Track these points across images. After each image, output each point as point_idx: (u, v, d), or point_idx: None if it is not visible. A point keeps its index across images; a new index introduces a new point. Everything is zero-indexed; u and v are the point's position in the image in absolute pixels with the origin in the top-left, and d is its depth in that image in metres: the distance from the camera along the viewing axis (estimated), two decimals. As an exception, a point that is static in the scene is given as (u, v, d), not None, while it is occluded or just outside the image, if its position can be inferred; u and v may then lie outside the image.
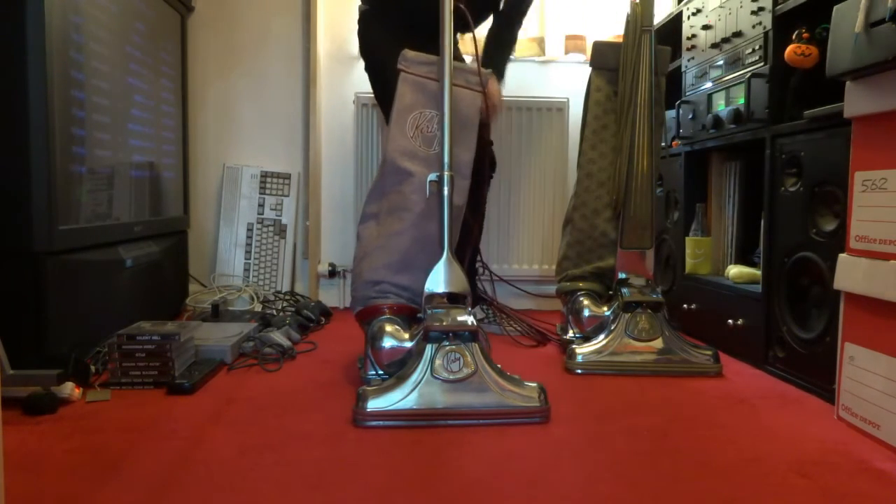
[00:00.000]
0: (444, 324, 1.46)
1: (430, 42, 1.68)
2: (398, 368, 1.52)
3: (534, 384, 1.44)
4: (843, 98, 1.33)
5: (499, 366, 1.47)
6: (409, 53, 1.73)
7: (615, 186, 1.94)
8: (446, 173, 1.58)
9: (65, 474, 1.09)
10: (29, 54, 1.53)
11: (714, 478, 1.10)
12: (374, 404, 1.37)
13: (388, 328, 1.58)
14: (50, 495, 1.02)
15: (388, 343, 1.56)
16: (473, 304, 1.93)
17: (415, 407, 1.38)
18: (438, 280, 1.56)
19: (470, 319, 1.48)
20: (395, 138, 1.71)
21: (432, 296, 1.55)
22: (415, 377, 1.42)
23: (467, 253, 1.92)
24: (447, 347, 1.44)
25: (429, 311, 1.52)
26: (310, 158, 2.75)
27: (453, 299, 1.56)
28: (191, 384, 1.53)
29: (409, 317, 1.65)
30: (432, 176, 1.60)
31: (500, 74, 2.16)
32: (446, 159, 1.58)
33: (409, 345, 1.55)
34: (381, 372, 1.57)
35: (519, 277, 2.76)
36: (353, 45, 2.77)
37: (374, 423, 1.36)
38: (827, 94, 1.49)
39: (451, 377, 1.41)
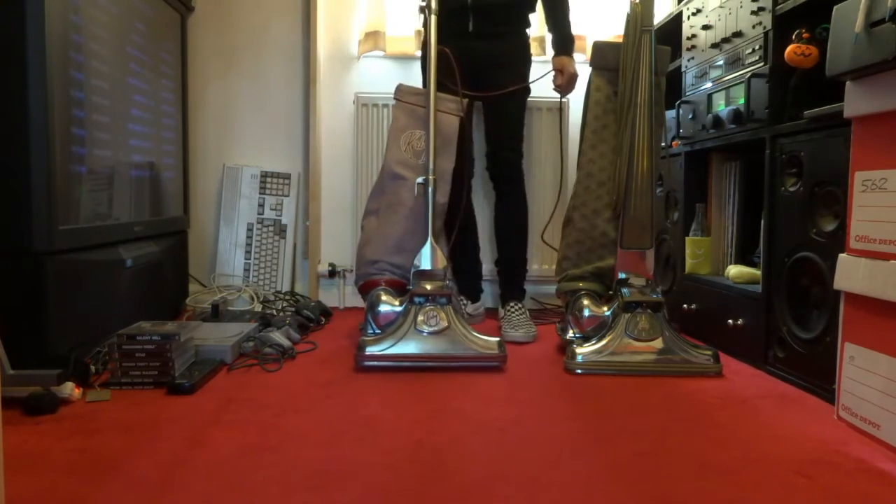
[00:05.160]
0: (426, 289, 1.87)
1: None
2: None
3: (495, 339, 1.84)
4: (843, 98, 1.33)
5: (468, 324, 1.87)
6: (402, 86, 2.21)
7: (615, 186, 1.94)
8: (431, 177, 2.02)
9: (65, 474, 1.09)
10: (29, 54, 1.53)
11: (714, 478, 1.10)
12: (370, 350, 1.78)
13: (384, 297, 1.98)
14: (50, 495, 1.02)
15: (383, 308, 1.95)
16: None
17: (402, 352, 1.78)
18: (424, 260, 1.98)
19: (446, 287, 1.90)
20: (392, 151, 2.17)
21: (418, 271, 1.97)
22: (402, 330, 1.82)
23: (453, 233, 2.25)
24: (427, 307, 1.85)
25: (415, 282, 1.94)
26: (310, 158, 2.75)
27: (434, 274, 1.96)
28: (191, 384, 1.53)
29: (400, 289, 2.05)
30: (420, 179, 2.06)
31: (566, 46, 2.39)
32: (431, 165, 2.03)
33: (399, 309, 1.92)
34: (378, 331, 1.93)
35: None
36: (353, 45, 2.78)
37: (371, 363, 1.77)
38: (827, 94, 1.49)
39: (430, 330, 1.82)
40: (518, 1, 2.35)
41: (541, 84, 2.53)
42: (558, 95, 2.61)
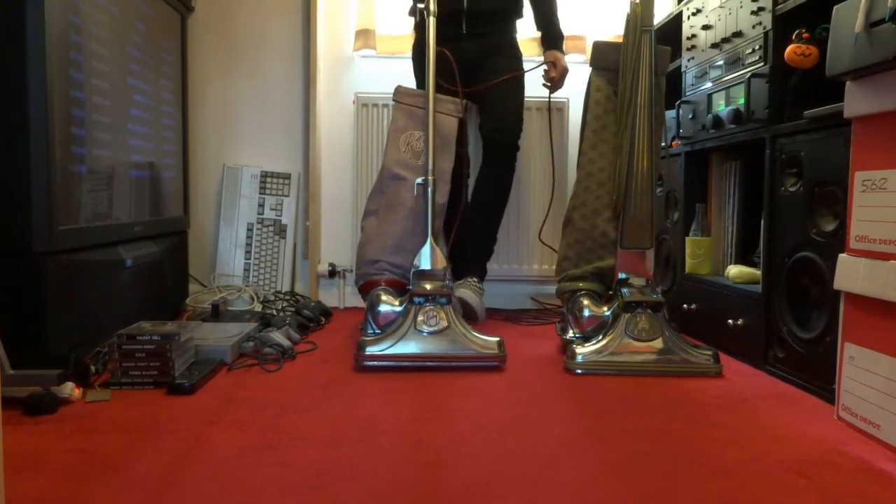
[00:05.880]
0: (426, 289, 1.87)
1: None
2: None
3: (495, 338, 1.83)
4: (843, 98, 1.33)
5: (467, 324, 1.87)
6: (401, 88, 2.23)
7: (615, 186, 1.94)
8: (430, 178, 2.02)
9: (65, 474, 1.09)
10: (29, 55, 1.53)
11: (714, 478, 1.10)
12: (370, 350, 1.78)
13: (384, 297, 1.99)
14: (50, 495, 1.02)
15: (383, 308, 1.96)
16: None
17: (402, 352, 1.78)
18: (424, 260, 1.98)
19: (446, 287, 1.90)
20: (391, 152, 2.20)
21: (418, 271, 1.97)
22: (402, 330, 1.82)
23: (452, 233, 2.32)
24: (427, 307, 1.85)
25: (414, 282, 1.94)
26: (310, 158, 2.75)
27: (434, 274, 1.97)
28: (191, 384, 1.53)
29: (400, 289, 2.05)
30: (419, 180, 2.07)
31: (556, 41, 2.49)
32: (430, 165, 2.03)
33: (399, 309, 1.93)
34: (378, 331, 1.93)
35: (519, 277, 2.76)
36: (352, 44, 2.77)
37: (371, 363, 1.77)
38: (827, 94, 1.49)
39: (429, 329, 1.82)
40: (509, 6, 2.46)
41: (538, 85, 2.53)
42: (555, 96, 2.62)
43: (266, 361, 1.80)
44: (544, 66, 2.49)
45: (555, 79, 2.48)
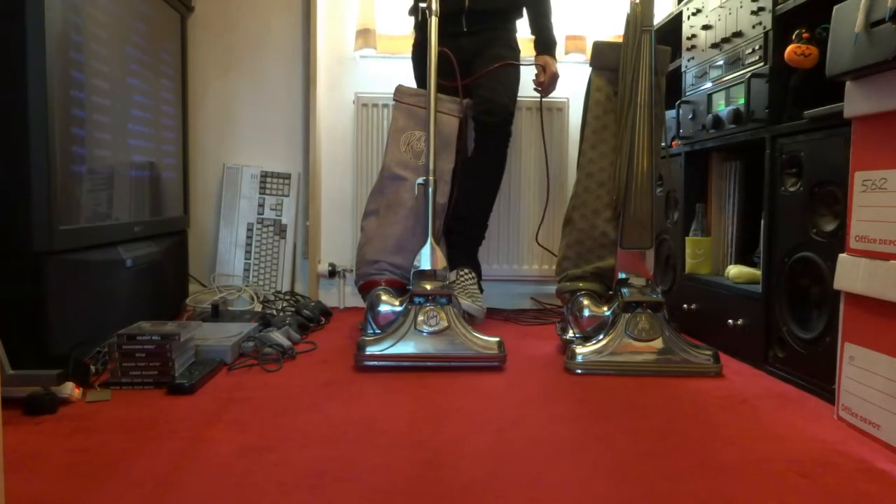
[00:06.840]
0: (426, 289, 1.87)
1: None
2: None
3: (495, 338, 1.82)
4: (843, 98, 1.33)
5: (468, 324, 1.87)
6: (402, 87, 2.25)
7: (615, 186, 1.94)
8: (431, 178, 2.00)
9: (65, 474, 1.09)
10: (29, 54, 1.53)
11: (714, 478, 1.10)
12: (370, 349, 1.77)
13: (384, 297, 1.99)
14: (50, 495, 1.02)
15: (383, 308, 1.97)
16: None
17: (402, 352, 1.78)
18: (424, 260, 1.97)
19: (445, 287, 1.90)
20: (391, 152, 2.20)
21: (418, 271, 1.96)
22: (402, 330, 1.82)
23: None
24: (428, 307, 1.84)
25: (414, 282, 1.93)
26: (310, 158, 2.75)
27: (434, 274, 1.96)
28: (191, 384, 1.53)
29: (400, 289, 2.06)
30: (420, 180, 2.07)
31: (549, 46, 2.49)
32: (431, 165, 2.00)
33: (399, 309, 1.94)
34: (378, 331, 1.93)
35: (519, 277, 2.76)
36: (352, 44, 2.78)
37: (371, 363, 1.77)
38: (827, 94, 1.49)
39: (430, 329, 1.82)
40: (510, 6, 2.46)
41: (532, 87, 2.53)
42: (555, 96, 2.62)
43: (266, 361, 1.80)
44: (535, 69, 2.49)
45: (544, 83, 2.48)
